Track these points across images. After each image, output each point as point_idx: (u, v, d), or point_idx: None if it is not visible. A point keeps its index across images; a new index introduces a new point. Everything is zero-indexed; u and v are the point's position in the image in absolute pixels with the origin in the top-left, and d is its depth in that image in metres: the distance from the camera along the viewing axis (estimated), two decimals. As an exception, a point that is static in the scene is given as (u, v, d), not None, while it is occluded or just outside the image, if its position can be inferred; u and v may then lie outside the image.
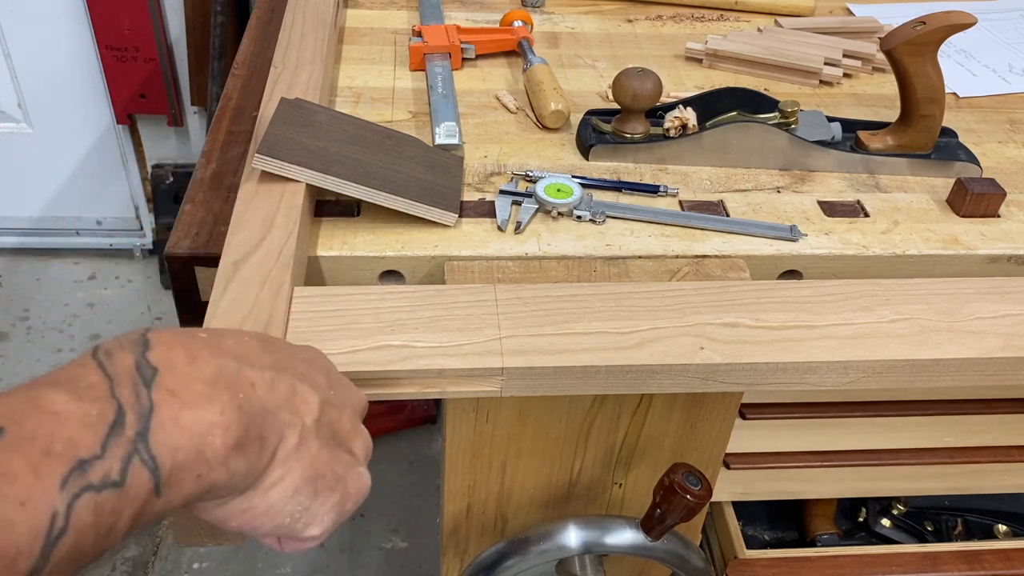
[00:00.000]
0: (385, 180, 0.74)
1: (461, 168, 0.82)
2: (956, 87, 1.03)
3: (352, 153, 0.76)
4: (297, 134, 0.75)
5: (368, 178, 0.73)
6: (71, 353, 1.98)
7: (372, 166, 0.75)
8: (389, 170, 0.76)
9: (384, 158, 0.77)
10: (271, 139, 0.73)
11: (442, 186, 0.77)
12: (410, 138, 0.82)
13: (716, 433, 0.74)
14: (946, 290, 0.68)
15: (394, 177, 0.75)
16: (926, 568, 0.83)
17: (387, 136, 0.80)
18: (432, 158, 0.80)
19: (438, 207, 0.74)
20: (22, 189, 2.11)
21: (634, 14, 1.17)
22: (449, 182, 0.79)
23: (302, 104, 0.80)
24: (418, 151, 0.80)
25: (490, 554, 0.72)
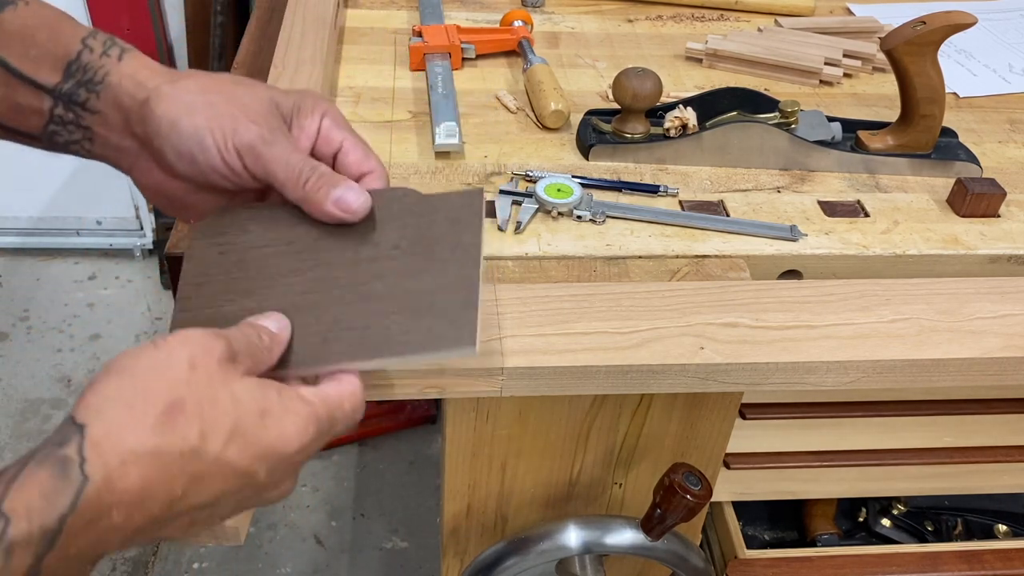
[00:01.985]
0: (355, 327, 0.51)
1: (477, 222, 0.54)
2: (956, 87, 1.03)
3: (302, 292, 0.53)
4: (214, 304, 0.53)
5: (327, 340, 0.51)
6: (71, 353, 1.98)
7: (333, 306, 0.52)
8: (361, 300, 0.52)
9: (351, 273, 0.53)
10: None
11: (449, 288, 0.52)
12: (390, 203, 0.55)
13: (716, 433, 0.74)
14: (946, 290, 0.68)
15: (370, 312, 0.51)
16: (926, 568, 0.83)
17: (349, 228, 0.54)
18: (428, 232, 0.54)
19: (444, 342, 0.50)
20: (22, 189, 2.11)
21: (634, 14, 1.17)
22: (458, 270, 0.52)
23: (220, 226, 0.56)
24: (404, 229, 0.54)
25: (490, 554, 0.72)
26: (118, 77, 0.53)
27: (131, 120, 0.54)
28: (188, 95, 0.52)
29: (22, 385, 1.92)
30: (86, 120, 0.54)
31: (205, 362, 0.43)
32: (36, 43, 0.53)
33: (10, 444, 1.80)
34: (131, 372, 0.41)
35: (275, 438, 0.43)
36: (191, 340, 0.43)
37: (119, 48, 0.54)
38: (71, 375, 1.94)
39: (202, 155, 0.52)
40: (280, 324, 0.50)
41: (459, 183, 0.82)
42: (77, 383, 1.92)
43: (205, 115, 0.52)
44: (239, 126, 0.52)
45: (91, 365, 1.96)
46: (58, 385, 1.92)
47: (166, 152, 0.53)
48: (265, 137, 0.52)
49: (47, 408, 1.87)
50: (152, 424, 0.40)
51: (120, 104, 0.53)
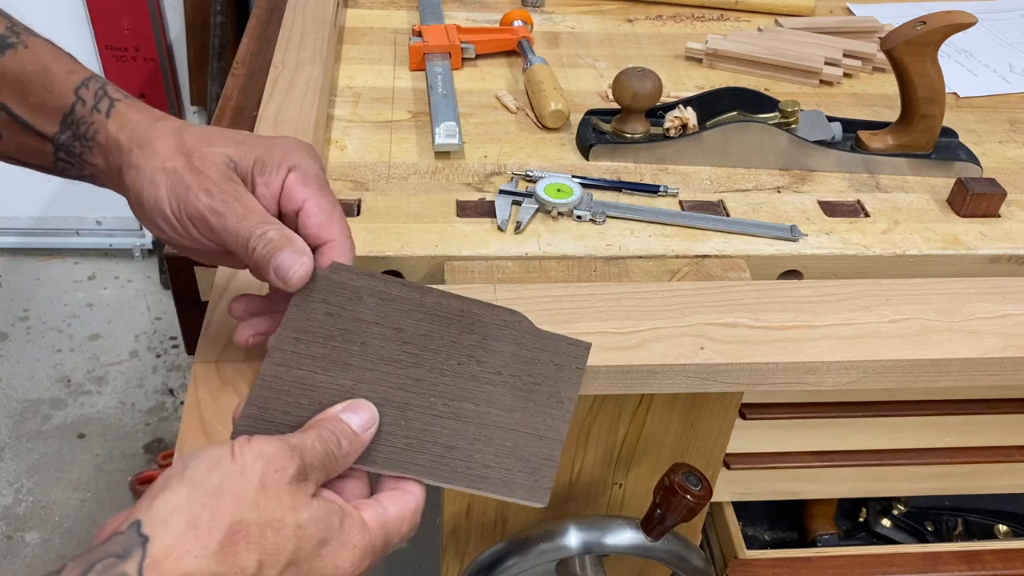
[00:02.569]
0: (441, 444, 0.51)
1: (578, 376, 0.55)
2: (956, 87, 1.03)
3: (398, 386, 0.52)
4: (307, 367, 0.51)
5: (411, 448, 0.50)
6: (71, 353, 1.98)
7: (424, 412, 0.51)
8: (452, 417, 0.52)
9: (450, 383, 0.52)
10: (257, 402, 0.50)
11: (536, 434, 0.52)
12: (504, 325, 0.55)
13: (716, 433, 0.74)
14: (946, 290, 0.68)
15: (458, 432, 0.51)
16: (926, 568, 0.83)
17: (465, 328, 0.54)
18: (531, 369, 0.54)
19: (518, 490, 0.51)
20: (22, 189, 2.11)
21: (634, 14, 1.17)
22: (549, 420, 0.53)
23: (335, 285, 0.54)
24: (510, 359, 0.54)
25: (490, 554, 0.72)
26: (104, 137, 0.55)
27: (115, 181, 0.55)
28: (152, 162, 0.53)
29: (22, 385, 1.92)
30: (86, 168, 0.56)
31: (276, 482, 0.42)
32: (33, 91, 0.54)
33: (10, 444, 1.80)
34: (203, 485, 0.41)
35: (331, 569, 0.43)
36: (266, 455, 0.42)
37: (108, 100, 0.55)
38: (71, 375, 1.94)
39: (166, 224, 0.53)
40: (366, 421, 0.49)
41: (459, 183, 0.82)
42: (77, 383, 1.92)
43: (164, 186, 0.52)
44: (191, 197, 0.52)
45: (90, 365, 1.97)
46: (58, 385, 1.92)
47: (143, 216, 0.54)
48: (214, 208, 0.52)
49: (47, 408, 1.87)
50: (214, 550, 0.39)
51: (108, 161, 0.55)
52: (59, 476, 1.74)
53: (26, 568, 1.59)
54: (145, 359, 1.99)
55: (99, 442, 1.81)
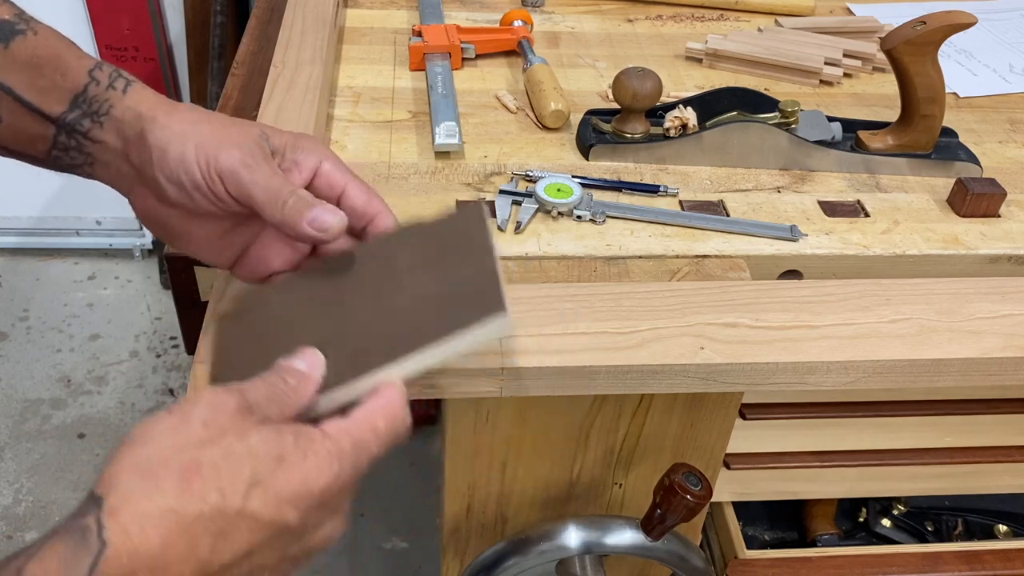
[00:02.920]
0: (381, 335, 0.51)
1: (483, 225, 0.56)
2: (956, 87, 1.03)
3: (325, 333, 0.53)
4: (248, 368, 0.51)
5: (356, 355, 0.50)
6: (70, 353, 1.98)
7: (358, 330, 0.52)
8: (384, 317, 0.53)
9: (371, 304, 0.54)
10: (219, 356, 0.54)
11: (467, 280, 0.53)
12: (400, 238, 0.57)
13: (716, 433, 0.74)
14: (946, 290, 0.68)
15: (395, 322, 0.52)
16: (926, 568, 0.83)
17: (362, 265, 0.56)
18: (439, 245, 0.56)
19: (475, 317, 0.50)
20: (22, 189, 2.11)
21: (634, 14, 1.17)
22: (475, 264, 0.53)
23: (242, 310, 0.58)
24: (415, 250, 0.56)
25: (490, 554, 0.72)
26: (121, 110, 0.55)
27: (129, 149, 0.56)
28: (180, 124, 0.54)
29: (21, 385, 1.92)
30: (88, 148, 0.56)
31: (218, 419, 0.43)
32: (44, 74, 0.55)
33: (10, 444, 1.80)
34: (146, 441, 0.42)
35: (298, 482, 0.43)
36: (202, 400, 0.43)
37: (124, 80, 0.57)
38: (71, 375, 1.94)
39: (188, 180, 0.54)
40: (310, 361, 0.49)
41: (459, 183, 0.81)
42: (77, 383, 1.92)
43: (193, 142, 0.54)
44: (221, 152, 0.53)
45: (90, 365, 1.96)
46: (58, 385, 1.92)
47: (158, 178, 0.55)
48: (246, 162, 0.54)
49: (47, 408, 1.87)
50: (167, 488, 0.40)
51: (121, 133, 0.56)
52: (59, 476, 1.74)
53: (26, 568, 1.59)
54: (145, 359, 1.99)
55: (99, 442, 1.81)
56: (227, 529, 0.40)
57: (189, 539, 0.39)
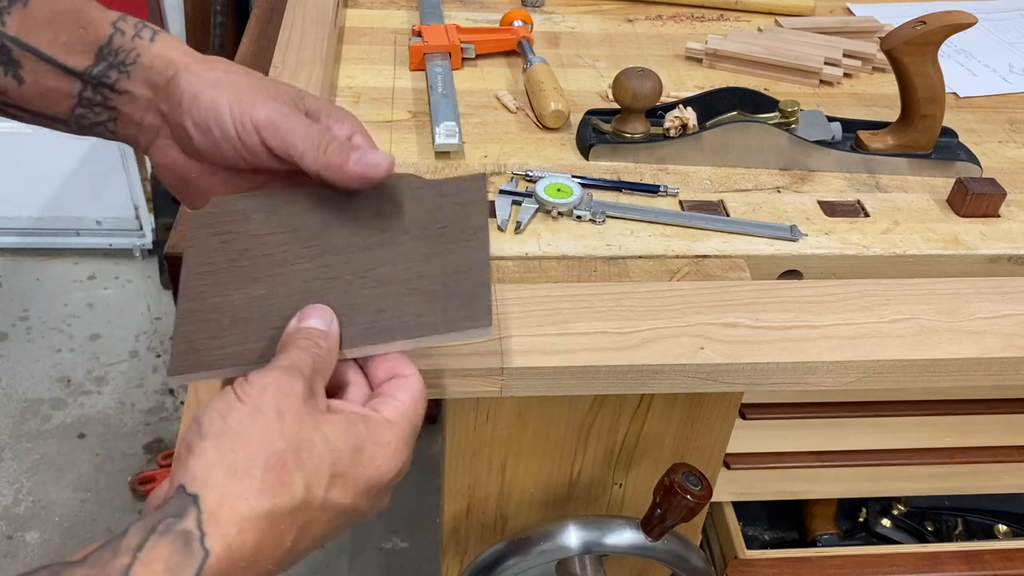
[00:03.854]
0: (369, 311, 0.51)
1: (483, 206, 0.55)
2: (956, 87, 1.03)
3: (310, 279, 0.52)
4: (220, 292, 0.52)
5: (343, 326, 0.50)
6: (70, 353, 1.98)
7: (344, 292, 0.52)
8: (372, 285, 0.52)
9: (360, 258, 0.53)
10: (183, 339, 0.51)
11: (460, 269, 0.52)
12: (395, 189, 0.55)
13: (716, 433, 0.74)
14: (946, 290, 0.68)
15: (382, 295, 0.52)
16: (926, 568, 0.83)
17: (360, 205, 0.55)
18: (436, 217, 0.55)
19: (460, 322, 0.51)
20: (22, 189, 2.11)
21: (634, 14, 1.17)
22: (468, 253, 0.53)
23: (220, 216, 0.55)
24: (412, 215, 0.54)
25: (490, 554, 0.72)
26: (149, 58, 0.55)
27: (158, 96, 0.55)
28: (214, 72, 0.54)
29: (22, 385, 1.92)
30: (113, 101, 0.55)
31: (291, 405, 0.44)
32: (66, 29, 0.54)
33: (10, 444, 1.80)
34: (225, 434, 0.42)
35: (373, 471, 0.45)
36: (271, 386, 0.44)
37: (151, 30, 0.56)
38: (71, 375, 1.94)
39: (219, 128, 0.53)
40: (324, 318, 0.50)
41: (459, 183, 0.81)
42: (77, 383, 1.93)
43: (227, 90, 0.53)
44: (257, 102, 0.53)
45: (90, 365, 1.97)
46: (58, 385, 1.92)
47: (186, 124, 0.54)
48: (284, 111, 0.53)
49: (47, 408, 1.87)
50: (259, 487, 0.41)
51: (150, 81, 0.55)
52: (59, 476, 1.74)
53: (26, 568, 1.59)
54: (145, 359, 1.99)
55: (99, 442, 1.81)
56: (310, 520, 0.43)
57: (278, 535, 0.41)
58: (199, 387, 0.57)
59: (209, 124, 0.53)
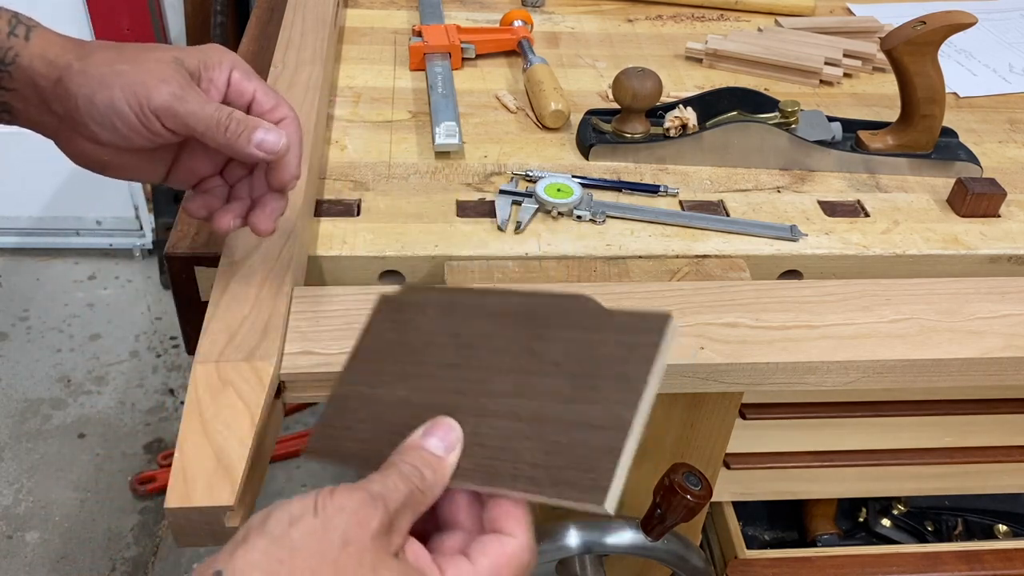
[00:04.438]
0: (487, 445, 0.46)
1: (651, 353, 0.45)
2: (956, 87, 1.03)
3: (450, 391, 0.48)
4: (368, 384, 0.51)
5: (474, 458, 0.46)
6: (71, 353, 1.98)
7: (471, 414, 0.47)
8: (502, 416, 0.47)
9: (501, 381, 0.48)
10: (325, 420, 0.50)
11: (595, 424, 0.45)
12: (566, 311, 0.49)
13: (716, 433, 0.74)
14: (946, 290, 0.68)
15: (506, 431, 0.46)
16: (926, 568, 0.83)
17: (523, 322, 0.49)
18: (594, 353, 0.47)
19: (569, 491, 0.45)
20: (22, 189, 2.11)
21: (634, 14, 1.17)
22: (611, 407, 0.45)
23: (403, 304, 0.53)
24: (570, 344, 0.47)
25: (490, 554, 0.72)
26: (28, 58, 0.55)
27: (47, 98, 0.55)
28: (98, 69, 0.54)
29: (22, 385, 1.92)
30: (2, 97, 0.56)
31: (359, 538, 0.40)
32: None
33: (10, 444, 1.80)
34: (282, 541, 0.40)
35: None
36: (348, 510, 0.41)
37: (24, 27, 0.56)
38: (71, 375, 1.94)
39: (121, 123, 0.54)
40: (448, 442, 0.46)
41: (459, 183, 0.81)
42: (77, 383, 1.92)
43: (118, 85, 0.54)
44: (151, 91, 0.54)
45: (91, 365, 1.97)
46: (58, 385, 1.92)
47: (88, 124, 0.55)
48: (176, 94, 0.54)
49: (47, 408, 1.87)
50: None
51: (34, 83, 0.55)
52: (59, 476, 1.74)
53: (26, 568, 1.59)
54: (145, 359, 1.99)
55: (99, 442, 1.81)
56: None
57: None
58: (199, 387, 0.57)
59: (112, 121, 0.54)
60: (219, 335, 0.60)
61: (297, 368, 0.59)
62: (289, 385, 0.60)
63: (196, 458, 0.52)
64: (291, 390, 0.60)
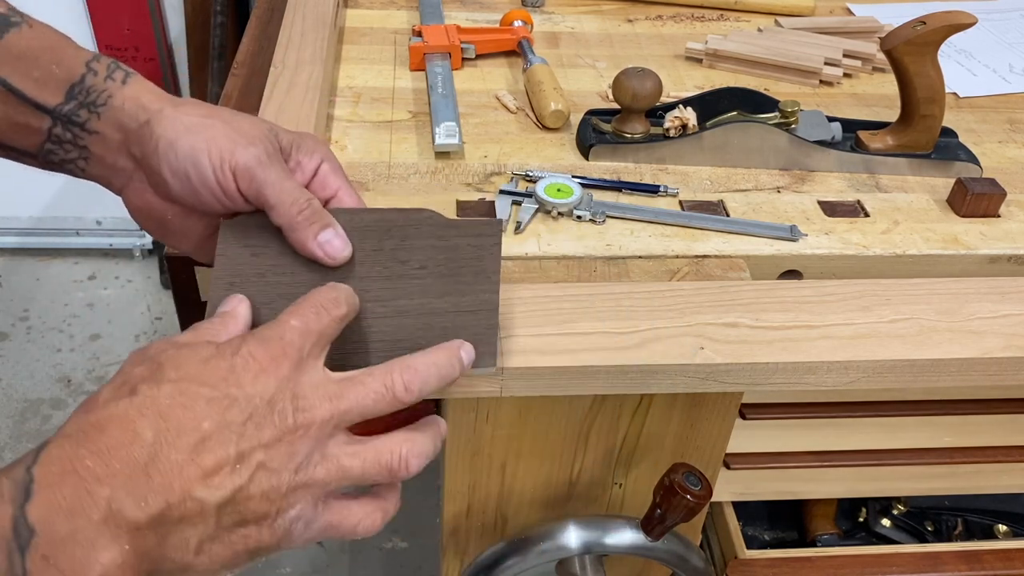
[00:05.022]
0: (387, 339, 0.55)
1: (497, 250, 0.58)
2: (956, 87, 1.03)
3: None
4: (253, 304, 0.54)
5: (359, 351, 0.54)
6: (71, 353, 1.98)
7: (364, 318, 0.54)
8: (391, 315, 0.55)
9: (381, 287, 0.56)
10: None
11: (471, 309, 0.56)
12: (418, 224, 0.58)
13: (716, 433, 0.74)
14: (946, 290, 0.68)
15: (400, 326, 0.55)
16: (926, 568, 0.83)
17: (383, 235, 0.57)
18: (453, 256, 0.57)
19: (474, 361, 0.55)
20: (22, 189, 2.11)
21: (634, 14, 1.17)
22: (480, 295, 0.56)
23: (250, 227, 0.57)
24: (431, 251, 0.57)
25: (490, 554, 0.72)
26: (121, 100, 0.55)
27: (130, 141, 0.55)
28: (188, 117, 0.54)
29: (22, 385, 1.92)
30: (84, 140, 0.56)
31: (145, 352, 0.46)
32: (39, 65, 0.54)
33: (10, 444, 1.80)
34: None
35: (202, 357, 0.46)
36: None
37: (123, 72, 0.56)
38: (71, 375, 1.94)
39: (197, 175, 0.53)
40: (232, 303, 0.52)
41: (459, 183, 0.82)
42: (77, 383, 1.92)
43: (204, 136, 0.53)
44: (237, 148, 0.53)
45: (91, 365, 1.96)
46: (58, 385, 1.92)
47: (162, 170, 0.54)
48: (261, 159, 0.54)
49: (47, 408, 1.87)
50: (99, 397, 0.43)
51: (121, 125, 0.55)
52: (59, 476, 1.74)
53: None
54: (145, 359, 1.99)
55: (99, 442, 1.81)
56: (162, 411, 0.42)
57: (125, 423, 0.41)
58: None
59: (187, 170, 0.54)
60: (219, 335, 0.59)
61: (297, 368, 0.59)
62: (289, 385, 0.59)
63: (196, 458, 0.52)
64: (291, 390, 0.60)
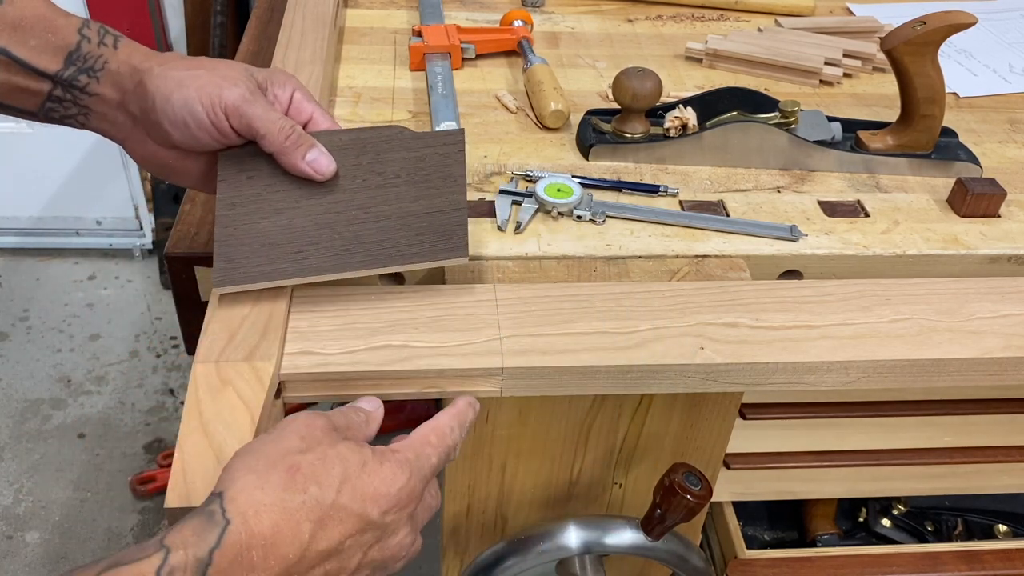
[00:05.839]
0: (371, 241, 0.63)
1: (461, 157, 0.67)
2: (956, 87, 1.03)
3: (323, 212, 0.64)
4: (250, 221, 0.63)
5: (350, 251, 0.63)
6: (71, 353, 1.98)
7: (350, 224, 0.64)
8: (373, 220, 0.64)
9: (362, 197, 0.65)
10: (223, 258, 0.62)
11: (442, 210, 0.65)
12: (390, 139, 0.67)
13: (716, 433, 0.74)
14: (946, 290, 0.68)
15: (381, 229, 0.64)
16: (926, 568, 0.83)
17: (360, 152, 0.66)
18: (423, 165, 0.66)
19: (443, 253, 0.64)
20: (22, 189, 2.11)
21: (634, 14, 1.17)
22: (449, 196, 0.65)
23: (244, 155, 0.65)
24: (403, 162, 0.66)
25: (490, 554, 0.72)
26: (116, 64, 0.61)
27: (127, 100, 0.62)
28: (176, 72, 0.61)
29: (22, 385, 1.92)
30: (84, 100, 0.62)
31: (312, 432, 0.50)
32: (35, 34, 0.60)
33: (10, 444, 1.80)
34: (252, 450, 0.48)
35: (378, 482, 0.49)
36: (298, 420, 0.50)
37: (112, 36, 0.62)
38: (71, 375, 1.94)
39: (194, 121, 0.60)
40: (374, 405, 0.57)
41: (459, 183, 0.82)
42: (77, 383, 1.92)
43: (194, 86, 0.60)
44: (223, 91, 0.60)
45: (91, 365, 1.97)
46: (58, 385, 1.92)
47: (162, 123, 0.61)
48: (246, 97, 0.61)
49: (47, 408, 1.87)
50: (276, 482, 0.47)
51: (118, 86, 0.62)
52: (59, 476, 1.74)
53: (26, 568, 1.59)
54: (145, 359, 1.99)
55: (99, 442, 1.81)
56: (324, 519, 0.47)
57: (294, 524, 0.46)
58: (199, 387, 0.57)
59: (185, 119, 0.60)
60: (219, 335, 0.60)
61: (297, 368, 0.59)
62: (289, 385, 0.60)
63: (196, 458, 0.52)
64: (291, 390, 0.60)
